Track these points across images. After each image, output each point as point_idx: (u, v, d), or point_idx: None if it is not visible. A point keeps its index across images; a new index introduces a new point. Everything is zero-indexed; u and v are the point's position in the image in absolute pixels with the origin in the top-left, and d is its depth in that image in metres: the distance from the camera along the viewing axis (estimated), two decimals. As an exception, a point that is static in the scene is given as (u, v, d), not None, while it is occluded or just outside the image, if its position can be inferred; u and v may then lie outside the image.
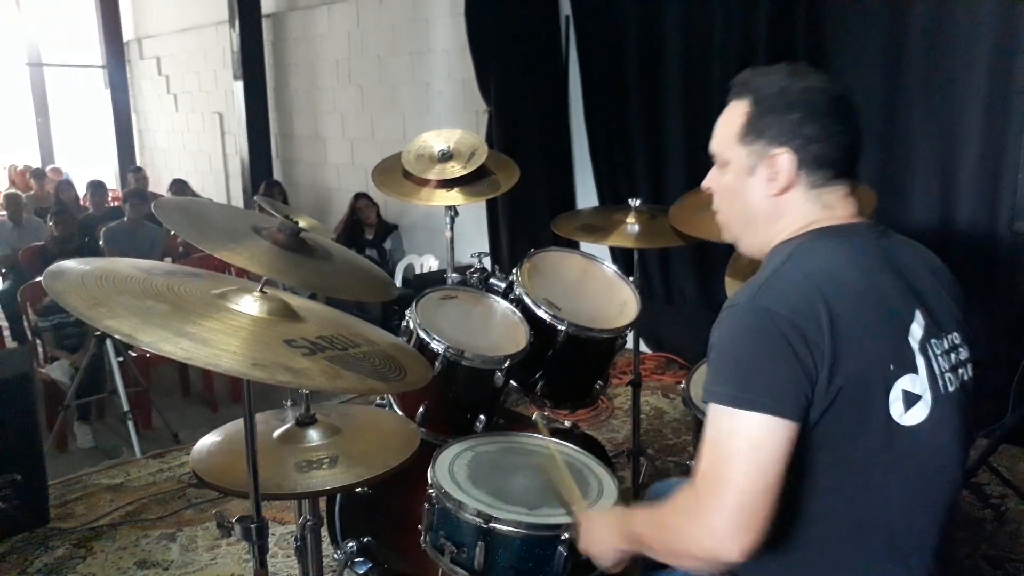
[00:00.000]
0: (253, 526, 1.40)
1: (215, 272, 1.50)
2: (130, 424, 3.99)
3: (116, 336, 0.97)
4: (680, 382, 3.19)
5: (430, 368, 1.44)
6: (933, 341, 1.19)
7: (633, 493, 2.90)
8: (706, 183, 1.34)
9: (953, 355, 1.23)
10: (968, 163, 3.35)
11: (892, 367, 1.14)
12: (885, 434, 1.13)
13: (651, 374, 4.43)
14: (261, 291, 1.24)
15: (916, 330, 1.18)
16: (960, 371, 1.24)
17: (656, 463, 3.23)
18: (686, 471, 2.36)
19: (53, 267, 1.14)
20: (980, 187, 3.32)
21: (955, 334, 1.25)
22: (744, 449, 1.07)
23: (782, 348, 1.08)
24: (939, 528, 1.22)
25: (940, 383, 1.18)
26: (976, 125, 3.28)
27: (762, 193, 1.25)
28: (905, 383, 1.14)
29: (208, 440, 1.66)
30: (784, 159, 1.21)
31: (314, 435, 1.64)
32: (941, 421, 1.17)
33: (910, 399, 1.14)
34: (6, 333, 5.63)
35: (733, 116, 1.26)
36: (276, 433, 1.63)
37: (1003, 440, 2.85)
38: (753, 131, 1.23)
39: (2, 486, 2.75)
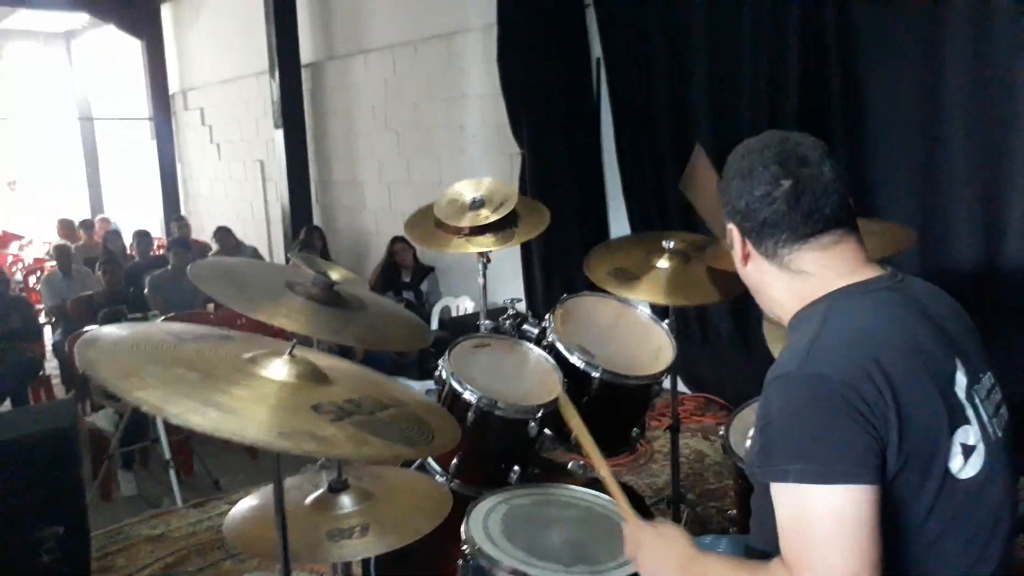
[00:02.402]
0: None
1: (250, 333, 1.51)
2: (172, 472, 4.03)
3: (144, 409, 0.98)
4: (720, 423, 3.12)
5: (459, 429, 1.42)
6: (976, 388, 1.17)
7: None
8: None
9: (993, 396, 1.20)
10: (1014, 194, 3.26)
11: (947, 422, 1.11)
12: (945, 489, 1.10)
13: (691, 416, 4.35)
14: (290, 354, 1.24)
15: (960, 379, 1.15)
16: (1001, 411, 1.22)
17: (697, 509, 3.15)
18: (729, 519, 2.30)
19: (87, 335, 1.17)
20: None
21: (988, 374, 1.22)
22: (835, 528, 1.01)
23: (845, 413, 1.04)
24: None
25: (990, 430, 1.16)
26: (1021, 154, 3.20)
27: (739, 266, 1.31)
28: (960, 436, 1.12)
29: (244, 505, 1.67)
30: (733, 232, 1.28)
31: (346, 501, 1.65)
32: (994, 468, 1.14)
33: (967, 451, 1.12)
34: (55, 381, 5.76)
35: None
36: (308, 500, 1.64)
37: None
38: (723, 207, 1.30)
39: (44, 539, 2.77)
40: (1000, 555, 1.17)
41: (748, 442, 2.02)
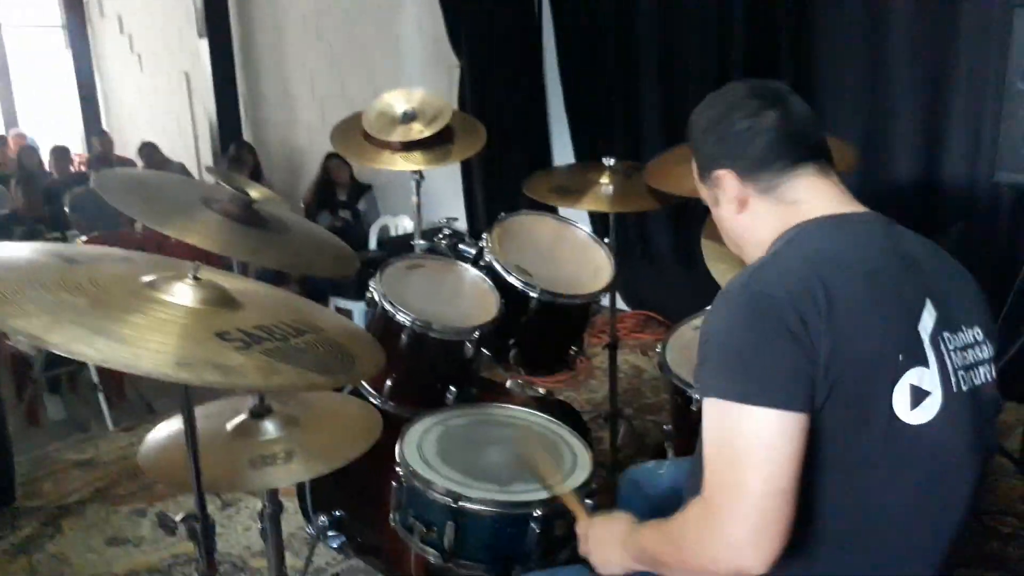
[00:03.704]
0: (197, 525, 1.35)
1: (169, 256, 1.40)
2: (100, 396, 3.91)
3: (21, 337, 0.88)
4: (659, 340, 3.14)
5: (382, 354, 1.36)
6: (946, 335, 1.10)
7: (612, 455, 2.89)
8: None
9: (971, 352, 1.13)
10: (953, 112, 3.29)
11: (901, 357, 1.05)
12: (888, 430, 1.05)
13: (629, 333, 4.40)
14: (194, 277, 1.15)
15: (927, 320, 1.09)
16: (979, 370, 1.14)
17: (634, 423, 3.21)
18: (665, 433, 2.33)
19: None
20: (964, 137, 3.27)
21: (976, 329, 1.15)
22: (757, 449, 0.99)
23: (783, 334, 1.01)
24: (948, 540, 1.13)
25: (952, 380, 1.10)
26: (961, 73, 3.21)
27: (732, 217, 1.26)
28: (913, 377, 1.06)
29: (162, 431, 1.60)
30: (726, 179, 1.23)
31: (270, 427, 1.55)
32: (951, 422, 1.09)
33: (918, 395, 1.06)
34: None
35: (692, 163, 1.31)
36: (229, 425, 1.55)
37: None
38: (700, 168, 1.28)
39: (-36, 467, 2.68)
40: (957, 518, 1.13)
41: (687, 360, 2.03)
